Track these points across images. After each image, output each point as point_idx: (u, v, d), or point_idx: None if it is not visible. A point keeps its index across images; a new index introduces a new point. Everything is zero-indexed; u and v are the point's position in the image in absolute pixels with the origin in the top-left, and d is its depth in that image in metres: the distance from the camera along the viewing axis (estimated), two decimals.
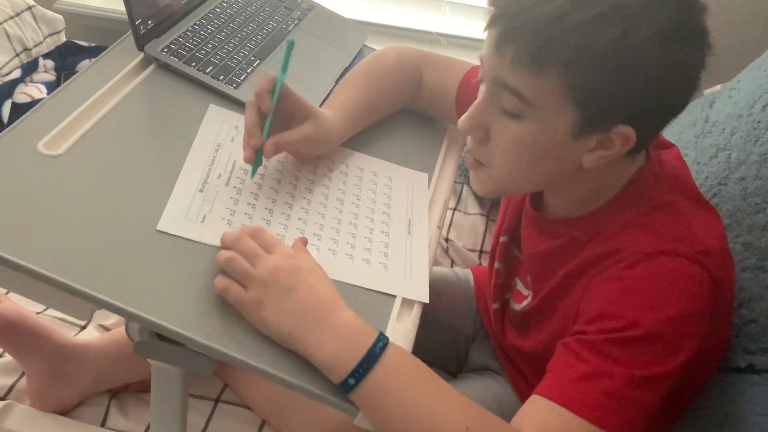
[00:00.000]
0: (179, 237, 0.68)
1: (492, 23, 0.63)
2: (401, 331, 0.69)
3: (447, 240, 1.25)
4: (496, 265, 0.90)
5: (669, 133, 1.20)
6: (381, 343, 0.61)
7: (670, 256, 0.64)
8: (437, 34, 1.66)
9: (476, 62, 1.61)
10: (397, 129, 0.95)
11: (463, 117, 0.69)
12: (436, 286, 1.03)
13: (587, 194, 0.72)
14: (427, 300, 0.73)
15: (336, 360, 0.59)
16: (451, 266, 1.21)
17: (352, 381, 0.59)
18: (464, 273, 1.10)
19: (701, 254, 0.64)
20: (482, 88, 0.68)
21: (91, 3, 1.79)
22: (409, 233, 0.80)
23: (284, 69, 0.74)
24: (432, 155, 0.94)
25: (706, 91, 1.23)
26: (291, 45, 0.74)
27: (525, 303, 0.82)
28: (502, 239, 0.89)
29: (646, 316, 0.61)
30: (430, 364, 1.06)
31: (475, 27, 1.67)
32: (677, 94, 0.64)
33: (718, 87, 1.20)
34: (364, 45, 1.08)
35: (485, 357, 1.00)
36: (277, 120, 0.75)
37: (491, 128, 0.68)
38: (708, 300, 0.64)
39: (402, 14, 1.68)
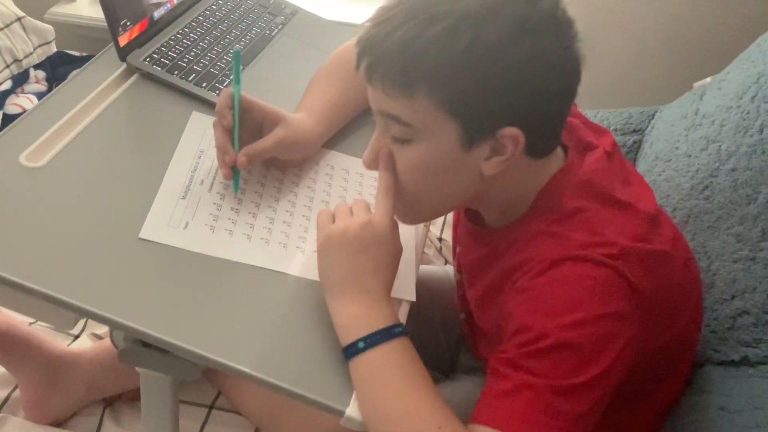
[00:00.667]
0: (162, 244, 0.68)
1: (359, 59, 0.65)
2: None
3: (441, 240, 1.25)
4: (456, 275, 0.89)
5: (660, 126, 1.20)
6: (399, 329, 0.64)
7: (575, 261, 0.63)
8: None
9: None
10: None
11: (365, 153, 0.70)
12: (428, 285, 1.03)
13: (504, 205, 0.72)
14: (413, 298, 0.73)
15: (357, 320, 0.63)
16: (445, 265, 1.21)
17: (361, 345, 0.62)
18: (453, 270, 1.10)
19: (609, 257, 0.63)
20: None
21: (81, 13, 1.79)
22: None
23: (237, 81, 0.74)
24: None
25: (696, 84, 1.22)
26: (237, 55, 0.74)
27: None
28: (457, 249, 0.88)
29: (553, 325, 0.60)
30: (425, 365, 1.06)
31: None
32: (550, 87, 0.63)
33: (708, 79, 1.20)
34: None
35: (473, 358, 0.99)
36: (248, 133, 0.76)
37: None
38: (623, 300, 0.62)
39: None
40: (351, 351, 0.62)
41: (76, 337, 1.01)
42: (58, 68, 1.57)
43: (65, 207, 0.68)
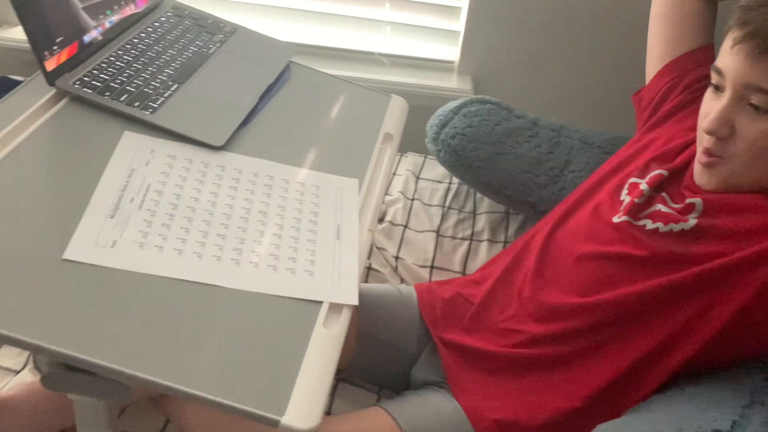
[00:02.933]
0: (88, 264, 0.65)
1: (747, 38, 0.78)
2: (329, 336, 0.66)
3: (397, 258, 1.23)
4: (642, 186, 0.95)
5: None
6: None
7: None
8: (380, 54, 1.66)
9: (420, 81, 1.61)
10: (328, 137, 0.93)
11: (708, 120, 0.82)
12: (381, 305, 1.02)
13: None
14: (356, 302, 0.70)
15: None
16: (400, 284, 1.18)
17: None
18: (407, 290, 1.08)
19: None
20: (726, 93, 0.82)
21: (25, 37, 1.75)
22: (338, 239, 0.77)
23: None
24: (364, 160, 0.92)
25: None
26: None
27: (688, 223, 0.88)
28: (659, 171, 0.95)
29: None
30: (378, 385, 1.05)
31: (417, 46, 1.67)
32: None
33: None
34: (291, 61, 1.06)
35: (428, 372, 0.98)
36: None
37: (737, 126, 0.81)
38: None
39: (345, 36, 1.68)
40: None
41: (18, 372, 0.97)
42: (2, 93, 1.53)
43: None
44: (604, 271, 0.91)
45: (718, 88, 0.85)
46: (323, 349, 0.64)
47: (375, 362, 1.01)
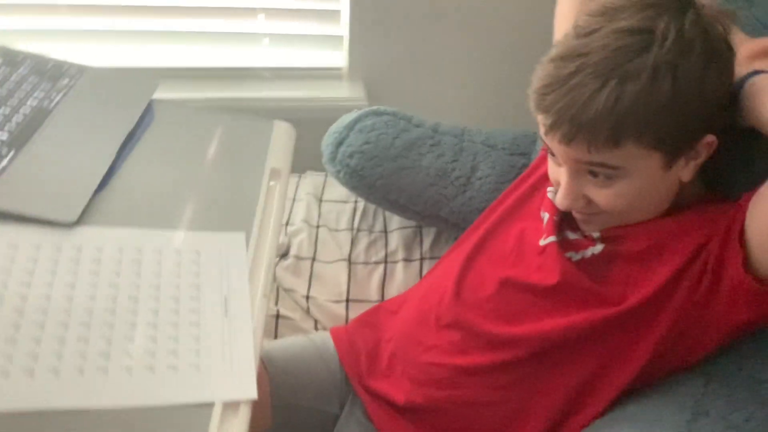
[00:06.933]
0: None
1: (554, 127, 0.71)
2: None
3: (308, 298, 1.12)
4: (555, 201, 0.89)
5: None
6: None
7: None
8: (261, 68, 1.54)
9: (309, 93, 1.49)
10: (204, 186, 0.82)
11: (559, 199, 0.78)
12: (291, 367, 0.92)
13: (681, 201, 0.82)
14: (255, 396, 0.60)
15: None
16: (315, 327, 1.08)
17: None
18: (322, 339, 0.98)
19: None
20: (563, 167, 0.76)
21: None
22: (226, 315, 0.66)
23: None
24: (250, 206, 0.81)
25: None
26: None
27: (596, 248, 0.84)
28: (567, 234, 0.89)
29: None
30: None
31: (300, 55, 1.56)
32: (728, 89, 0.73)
33: None
34: (152, 99, 0.93)
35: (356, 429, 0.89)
36: None
37: (590, 195, 0.77)
38: None
39: (220, 54, 1.55)
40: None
41: None
42: None
43: None
44: (529, 302, 0.85)
45: (555, 156, 0.79)
46: None
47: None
